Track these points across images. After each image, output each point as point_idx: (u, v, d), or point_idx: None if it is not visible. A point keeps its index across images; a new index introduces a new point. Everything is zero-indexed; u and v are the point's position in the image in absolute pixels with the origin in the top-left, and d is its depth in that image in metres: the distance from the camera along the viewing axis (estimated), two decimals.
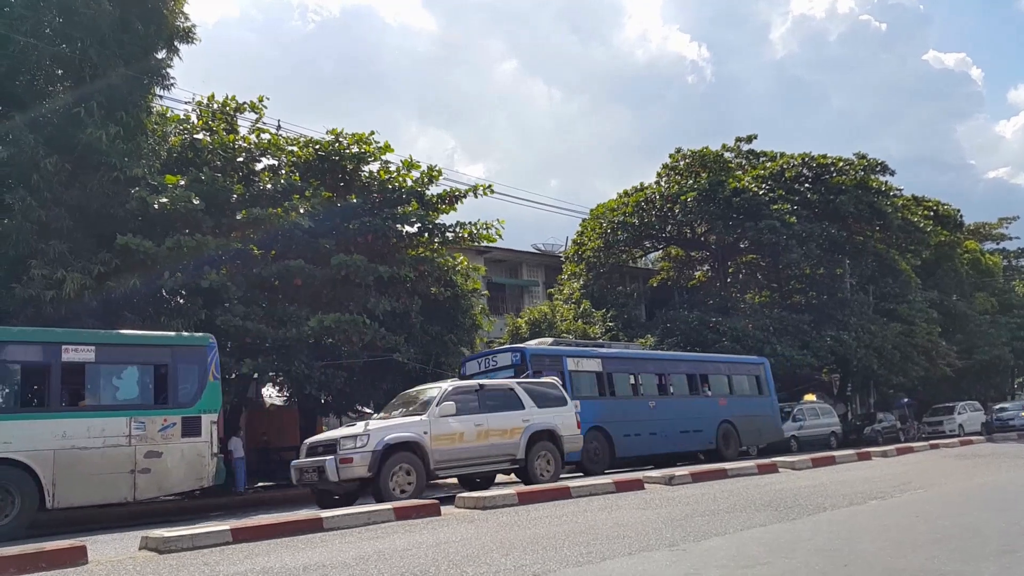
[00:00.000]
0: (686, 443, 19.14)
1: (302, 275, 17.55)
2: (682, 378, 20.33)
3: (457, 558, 6.00)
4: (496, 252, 31.73)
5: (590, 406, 16.41)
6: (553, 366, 16.54)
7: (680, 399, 19.63)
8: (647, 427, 18.14)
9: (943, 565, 5.00)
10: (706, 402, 20.15)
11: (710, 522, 7.43)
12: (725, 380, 21.44)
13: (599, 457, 16.60)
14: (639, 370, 19.27)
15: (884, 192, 32.74)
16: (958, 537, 6.15)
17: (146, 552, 7.04)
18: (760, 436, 21.89)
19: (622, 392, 18.47)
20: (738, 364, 22.85)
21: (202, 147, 18.40)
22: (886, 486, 10.16)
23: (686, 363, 21.21)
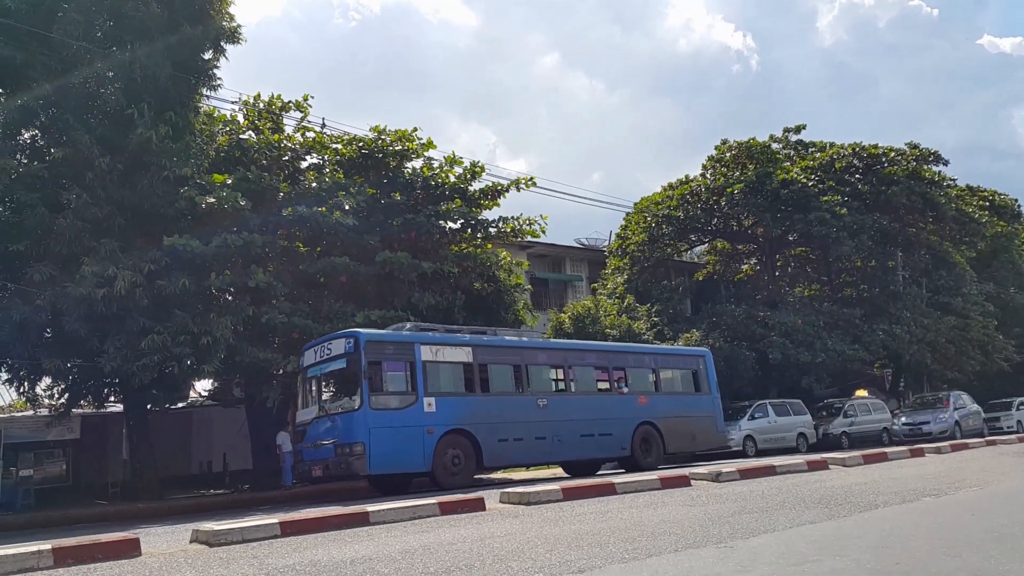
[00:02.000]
0: (589, 449, 16.46)
1: (347, 272, 17.77)
2: (588, 371, 17.43)
3: (502, 553, 6.01)
4: (539, 247, 31.69)
5: (450, 404, 14.26)
6: (400, 355, 14.02)
7: (584, 396, 16.86)
8: (533, 430, 15.39)
9: (1001, 565, 4.83)
10: (620, 400, 17.29)
11: (758, 519, 7.31)
12: (649, 374, 18.54)
13: (460, 467, 14.06)
14: (527, 361, 16.15)
15: (937, 182, 31.78)
16: (1017, 536, 5.93)
17: (197, 545, 7.21)
18: (694, 441, 18.68)
19: (500, 387, 15.58)
20: (669, 356, 19.99)
21: (248, 146, 18.76)
22: (940, 483, 9.87)
23: (594, 353, 18.08)
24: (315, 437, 13.75)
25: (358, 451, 12.87)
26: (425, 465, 13.59)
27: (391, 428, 13.28)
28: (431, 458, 13.54)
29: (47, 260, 14.67)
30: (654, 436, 17.33)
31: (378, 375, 13.61)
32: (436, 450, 13.61)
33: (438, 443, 13.65)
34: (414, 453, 13.46)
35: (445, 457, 13.79)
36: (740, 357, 26.77)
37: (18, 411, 21.07)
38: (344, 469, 13.07)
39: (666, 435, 17.52)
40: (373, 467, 12.97)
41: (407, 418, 13.52)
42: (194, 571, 5.88)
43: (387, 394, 13.64)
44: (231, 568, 5.91)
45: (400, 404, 13.63)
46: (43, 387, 17.62)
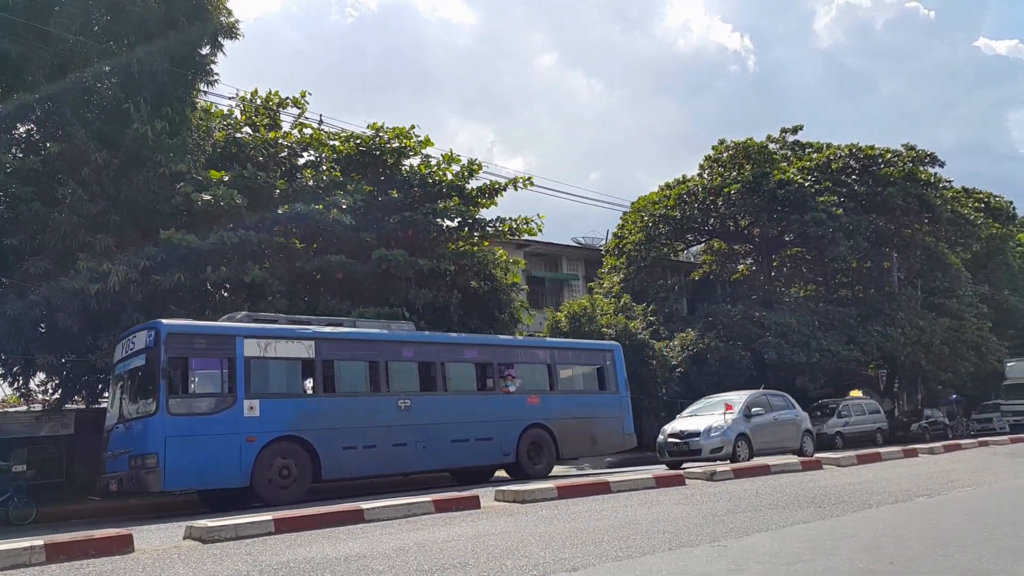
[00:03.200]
0: (464, 456, 14.61)
1: (343, 269, 17.76)
2: (466, 368, 15.58)
3: (496, 551, 6.02)
4: (536, 245, 31.69)
5: (281, 407, 12.51)
6: (215, 350, 12.22)
7: (459, 396, 14.96)
8: (391, 435, 13.63)
9: (993, 564, 4.85)
10: (505, 400, 15.43)
11: (752, 518, 7.33)
12: (543, 371, 16.59)
13: (291, 480, 12.27)
14: (387, 356, 14.22)
15: (933, 184, 31.89)
16: (1009, 536, 5.96)
17: (191, 542, 7.20)
18: (595, 444, 16.87)
19: (350, 387, 13.85)
20: (569, 351, 17.94)
21: (245, 143, 18.73)
22: (933, 483, 9.90)
23: (475, 348, 16.00)
24: (114, 446, 12.07)
25: (151, 464, 11.10)
26: (243, 479, 11.75)
27: (196, 436, 11.49)
28: (251, 470, 11.75)
29: (42, 255, 14.63)
30: (545, 440, 15.60)
31: (182, 374, 11.87)
32: (258, 461, 11.83)
33: (261, 453, 11.88)
34: (227, 465, 11.65)
35: (270, 469, 12.01)
36: (735, 357, 26.82)
37: (11, 406, 21.01)
38: (137, 484, 11.34)
39: (560, 438, 15.79)
40: (169, 482, 11.22)
41: (220, 424, 11.76)
42: (187, 568, 5.87)
43: (193, 396, 11.93)
44: (224, 565, 5.91)
45: (211, 408, 11.88)
46: (37, 382, 17.59)
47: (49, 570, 5.96)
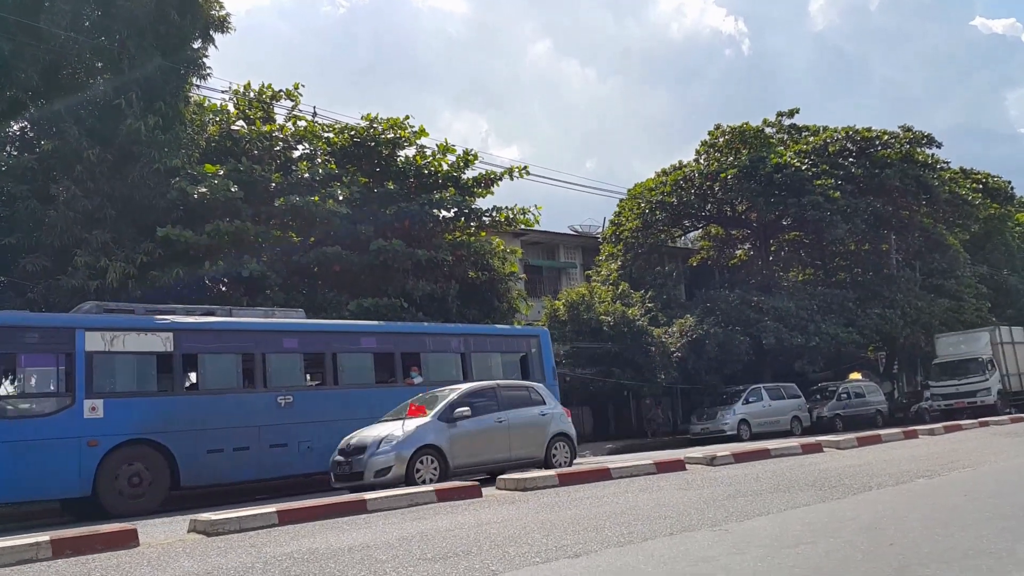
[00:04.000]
0: None
1: (341, 261, 17.74)
2: (363, 359, 14.37)
3: (499, 538, 6.04)
4: (533, 234, 31.67)
5: (131, 407, 11.30)
6: (49, 345, 11.10)
7: (353, 390, 13.75)
8: (268, 436, 12.40)
9: (992, 544, 4.88)
10: (409, 394, 13.83)
11: (752, 502, 7.36)
12: (456, 360, 15.43)
13: (141, 488, 11.15)
14: (266, 348, 12.97)
15: (931, 165, 31.82)
16: (1008, 516, 5.99)
17: (195, 535, 7.23)
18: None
19: (217, 382, 12.55)
20: (486, 338, 16.50)
21: (240, 136, 18.67)
22: (933, 464, 9.94)
23: (373, 336, 14.74)
24: None
25: None
26: (83, 488, 10.57)
27: (27, 441, 10.26)
28: (93, 478, 10.57)
29: (39, 252, 14.61)
30: None
31: (11, 371, 10.90)
32: (102, 468, 10.67)
33: (105, 459, 10.71)
34: (63, 473, 10.43)
35: (118, 477, 10.86)
36: (734, 342, 26.86)
37: None
38: None
39: None
40: None
41: (53, 427, 10.54)
42: (192, 560, 5.90)
43: (23, 396, 10.92)
44: (229, 557, 5.94)
45: (45, 409, 10.75)
46: None
47: (56, 565, 6.00)
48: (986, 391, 27.53)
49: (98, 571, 5.64)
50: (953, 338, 29.78)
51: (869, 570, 4.42)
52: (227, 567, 5.53)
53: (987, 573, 4.19)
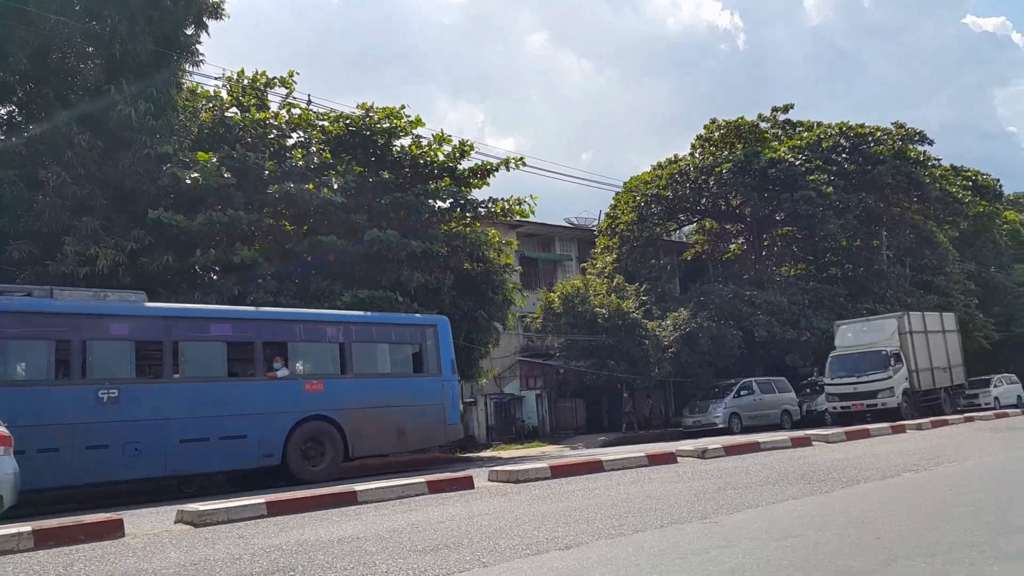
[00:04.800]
0: (200, 459, 11.82)
1: (335, 251, 17.66)
2: (214, 348, 12.81)
3: (490, 530, 6.05)
4: (529, 226, 31.62)
5: None
6: None
7: (197, 384, 12.13)
8: (84, 436, 10.82)
9: (977, 538, 4.92)
10: (269, 388, 12.72)
11: (742, 495, 7.39)
12: (333, 351, 13.95)
13: None
14: (84, 335, 11.30)
15: (922, 162, 31.98)
16: (993, 509, 6.04)
17: (182, 525, 7.20)
18: (404, 438, 14.28)
19: (21, 374, 11.24)
20: (371, 325, 14.88)
21: (233, 123, 18.53)
22: (920, 459, 10.01)
23: (226, 323, 13.11)
24: None
25: None
26: None
27: None
28: None
29: (26, 239, 14.49)
30: (330, 435, 13.03)
31: None
32: None
33: None
34: None
35: None
36: (727, 336, 26.96)
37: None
38: None
39: (352, 433, 13.21)
40: None
41: None
42: (179, 552, 5.88)
43: None
44: (216, 548, 5.92)
45: None
46: None
47: (38, 556, 5.92)
48: (888, 391, 23.04)
49: (81, 562, 5.59)
50: (854, 325, 25.42)
51: (856, 563, 4.45)
52: (214, 558, 5.51)
53: (969, 566, 4.22)
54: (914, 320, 25.14)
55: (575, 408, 28.50)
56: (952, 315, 28.31)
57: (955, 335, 27.41)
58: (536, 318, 28.34)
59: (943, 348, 26.06)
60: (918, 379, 24.34)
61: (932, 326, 25.97)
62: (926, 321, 25.82)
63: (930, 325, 25.90)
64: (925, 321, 25.76)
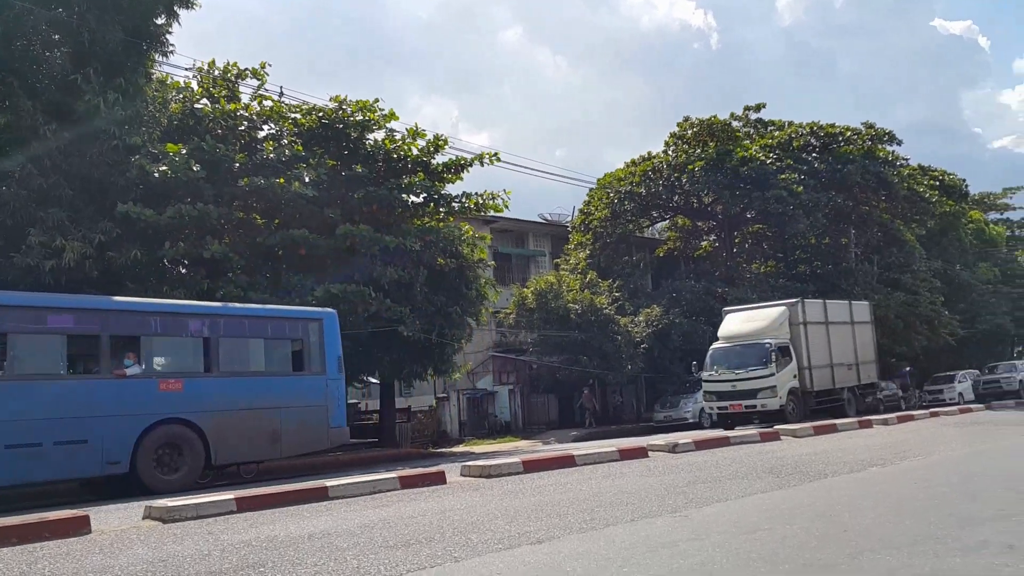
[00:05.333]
0: (29, 468, 10.38)
1: (306, 245, 17.50)
2: (49, 342, 11.40)
3: (462, 525, 6.05)
4: (502, 222, 31.64)
5: None
6: None
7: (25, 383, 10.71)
8: None
9: (940, 530, 5.03)
10: (115, 387, 11.37)
11: (712, 489, 7.48)
12: (196, 346, 12.59)
13: None
14: None
15: (891, 162, 32.51)
16: (956, 502, 6.18)
17: (150, 521, 7.11)
18: (279, 443, 12.87)
19: None
20: (243, 319, 13.47)
21: (203, 115, 18.26)
22: (886, 453, 10.19)
23: (67, 313, 11.51)
24: None
25: None
26: None
27: None
28: None
29: None
30: (189, 440, 11.65)
31: None
32: None
33: None
34: None
35: None
36: (698, 332, 27.20)
37: None
38: None
39: (215, 438, 11.86)
40: None
41: None
42: (146, 547, 5.80)
43: None
44: (185, 544, 5.85)
45: None
46: None
47: (0, 554, 5.81)
48: (769, 391, 19.90)
49: (46, 559, 5.49)
50: (742, 313, 22.32)
51: (823, 556, 4.52)
52: (182, 554, 5.45)
53: (933, 558, 4.31)
54: (810, 308, 22.00)
55: (547, 403, 28.61)
56: (865, 304, 25.14)
57: (867, 327, 24.29)
58: (509, 314, 28.36)
59: (849, 342, 22.97)
60: (811, 377, 21.06)
61: (836, 316, 22.75)
62: (827, 310, 22.56)
63: (833, 315, 22.61)
64: (826, 310, 22.52)
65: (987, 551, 4.40)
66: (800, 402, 20.62)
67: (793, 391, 20.42)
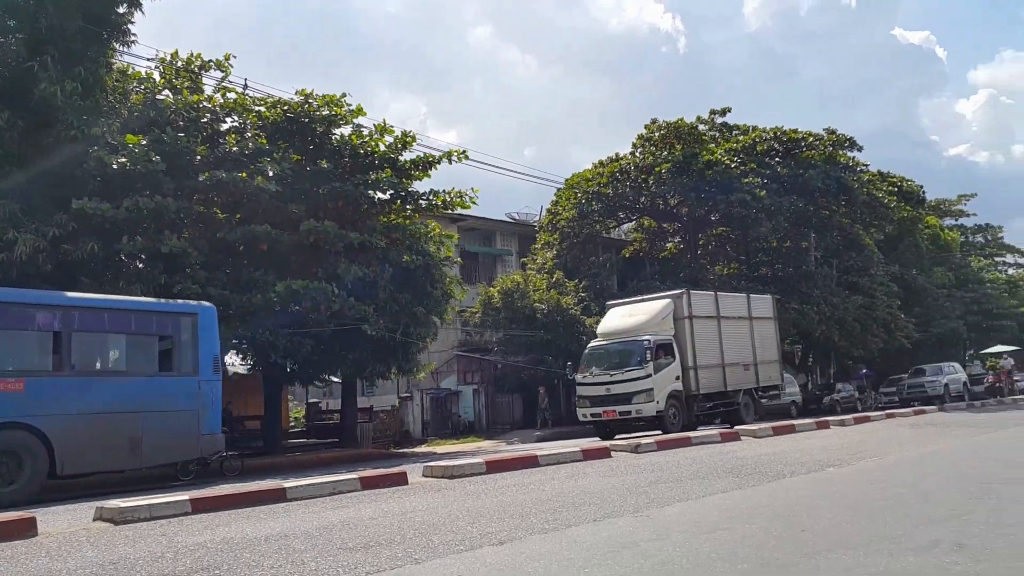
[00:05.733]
0: None
1: (268, 240, 17.23)
2: None
3: (423, 527, 5.99)
4: (470, 220, 31.54)
5: None
6: None
7: None
8: None
9: (895, 530, 5.12)
10: None
11: (673, 489, 7.52)
12: (41, 341, 11.35)
13: None
14: None
15: (851, 168, 33.12)
16: (910, 502, 6.30)
17: (101, 523, 6.92)
18: (141, 451, 11.71)
19: None
20: (101, 311, 12.06)
21: (165, 106, 17.87)
22: (843, 454, 10.37)
23: None
24: None
25: None
26: None
27: None
28: None
29: None
30: (31, 448, 10.46)
31: None
32: None
33: None
34: None
35: None
36: None
37: None
38: None
39: (61, 445, 10.68)
40: None
41: None
42: (96, 551, 5.64)
43: None
44: (137, 547, 5.70)
45: None
46: None
47: None
48: (645, 394, 17.60)
49: None
50: (623, 307, 20.18)
51: (781, 555, 4.57)
52: (134, 557, 5.31)
53: (888, 557, 4.38)
54: (698, 301, 19.80)
55: (512, 403, 28.59)
56: (767, 298, 22.95)
57: (769, 323, 22.15)
58: (475, 313, 28.29)
59: (747, 339, 20.82)
60: (696, 379, 18.77)
61: (730, 310, 20.60)
62: (719, 304, 20.34)
63: (727, 309, 20.45)
64: (718, 303, 20.31)
65: (938, 550, 4.49)
66: (683, 407, 18.45)
67: (675, 395, 18.26)
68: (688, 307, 19.23)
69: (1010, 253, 62.04)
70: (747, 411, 20.60)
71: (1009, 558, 4.28)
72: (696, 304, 19.58)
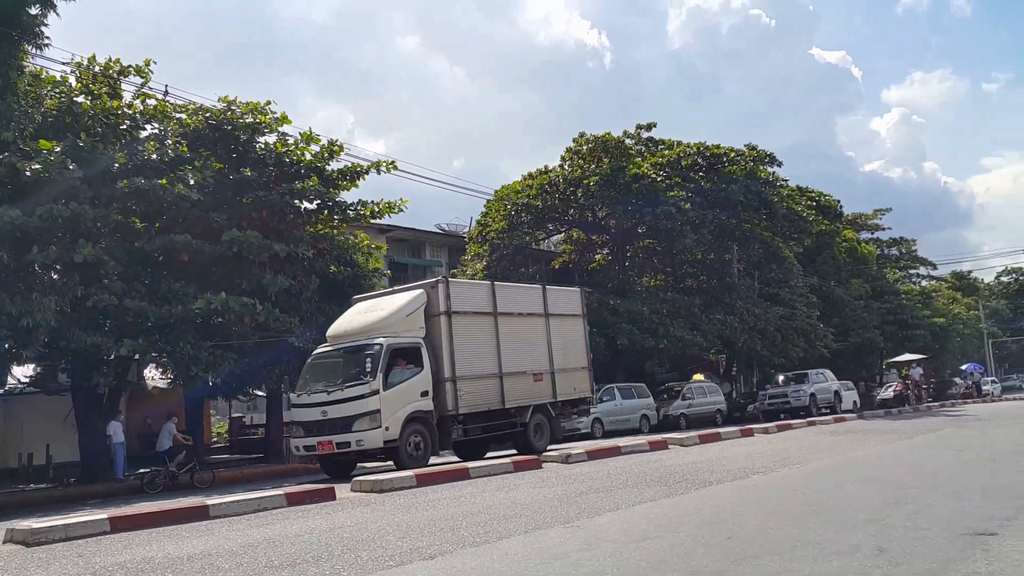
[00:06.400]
0: None
1: (189, 251, 16.68)
2: None
3: (352, 543, 5.88)
4: (399, 231, 31.28)
5: None
6: None
7: None
8: None
9: (818, 535, 5.30)
10: None
11: (603, 498, 7.61)
12: None
13: None
14: None
15: (771, 183, 34.39)
16: (832, 508, 6.54)
17: (12, 545, 6.55)
18: None
19: None
20: None
21: (81, 111, 17.12)
22: (767, 461, 10.69)
23: None
24: None
25: None
26: None
27: None
28: None
29: None
30: None
31: None
32: None
33: None
34: None
35: None
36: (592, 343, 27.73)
37: None
38: None
39: None
40: None
41: None
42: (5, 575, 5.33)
43: None
44: (51, 569, 5.41)
45: None
46: None
47: None
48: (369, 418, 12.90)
49: None
50: (364, 303, 15.47)
51: (709, 563, 4.67)
52: None
53: (811, 562, 4.53)
54: (463, 293, 15.10)
55: None
56: (574, 291, 18.19)
57: (576, 321, 17.41)
58: None
59: (542, 342, 15.99)
60: (456, 394, 14.02)
61: (514, 305, 15.73)
62: (497, 296, 15.34)
63: (508, 304, 15.58)
64: (495, 296, 15.31)
65: (860, 554, 4.67)
66: (431, 433, 13.64)
67: (418, 417, 13.48)
68: (446, 300, 14.28)
69: (923, 265, 65.37)
70: (539, 433, 15.61)
71: (926, 560, 4.48)
72: (459, 296, 14.63)
